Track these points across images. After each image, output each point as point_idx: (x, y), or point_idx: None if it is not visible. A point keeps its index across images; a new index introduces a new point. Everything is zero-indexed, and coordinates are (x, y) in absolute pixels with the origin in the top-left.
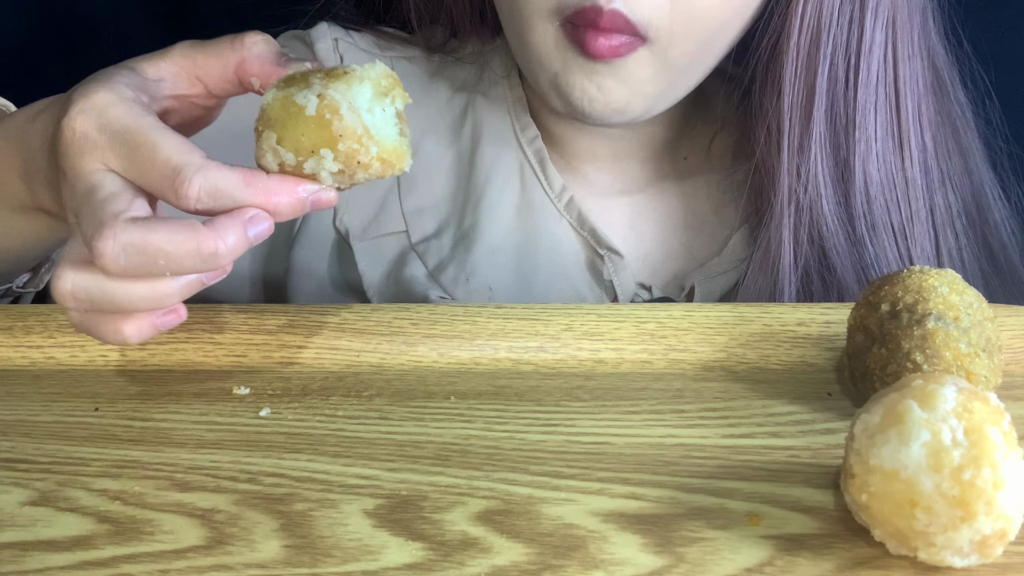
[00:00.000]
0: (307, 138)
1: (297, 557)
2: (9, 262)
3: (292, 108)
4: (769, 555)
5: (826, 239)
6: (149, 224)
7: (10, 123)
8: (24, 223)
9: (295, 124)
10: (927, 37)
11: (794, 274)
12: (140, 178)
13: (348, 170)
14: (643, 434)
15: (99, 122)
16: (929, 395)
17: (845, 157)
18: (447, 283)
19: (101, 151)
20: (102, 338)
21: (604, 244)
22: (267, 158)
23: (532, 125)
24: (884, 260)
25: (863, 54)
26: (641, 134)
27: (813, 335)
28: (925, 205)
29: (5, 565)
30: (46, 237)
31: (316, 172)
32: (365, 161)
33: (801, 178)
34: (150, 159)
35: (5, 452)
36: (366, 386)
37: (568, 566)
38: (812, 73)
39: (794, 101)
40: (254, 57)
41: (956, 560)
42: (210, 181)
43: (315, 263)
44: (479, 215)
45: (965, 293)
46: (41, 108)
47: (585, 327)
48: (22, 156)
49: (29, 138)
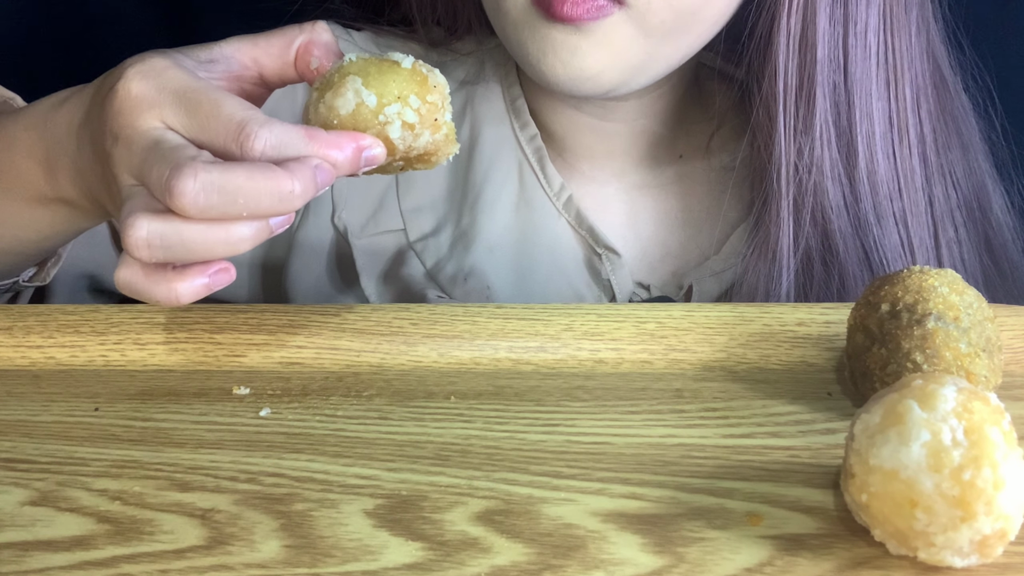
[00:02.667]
0: (397, 85)
1: (297, 557)
2: (22, 254)
3: (385, 63)
4: (769, 555)
5: (830, 221)
6: (227, 164)
7: (30, 113)
8: (42, 214)
9: (387, 72)
10: (926, 30)
11: (793, 257)
12: (201, 133)
13: (418, 126)
14: (643, 434)
15: (158, 83)
16: (929, 395)
17: (850, 139)
18: (445, 282)
19: (160, 109)
20: (153, 298)
21: (602, 243)
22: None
23: (531, 124)
24: (888, 244)
25: (856, 35)
26: (636, 130)
27: (813, 335)
28: (924, 196)
29: (5, 565)
30: (63, 229)
31: (390, 121)
32: (439, 122)
33: (804, 159)
34: (213, 114)
35: (5, 452)
36: (366, 386)
37: (568, 566)
38: (805, 52)
39: (789, 83)
40: (321, 42)
41: (956, 560)
42: (275, 134)
43: (314, 261)
44: (477, 214)
45: (965, 293)
46: (66, 96)
47: (585, 327)
48: (44, 144)
49: (53, 126)
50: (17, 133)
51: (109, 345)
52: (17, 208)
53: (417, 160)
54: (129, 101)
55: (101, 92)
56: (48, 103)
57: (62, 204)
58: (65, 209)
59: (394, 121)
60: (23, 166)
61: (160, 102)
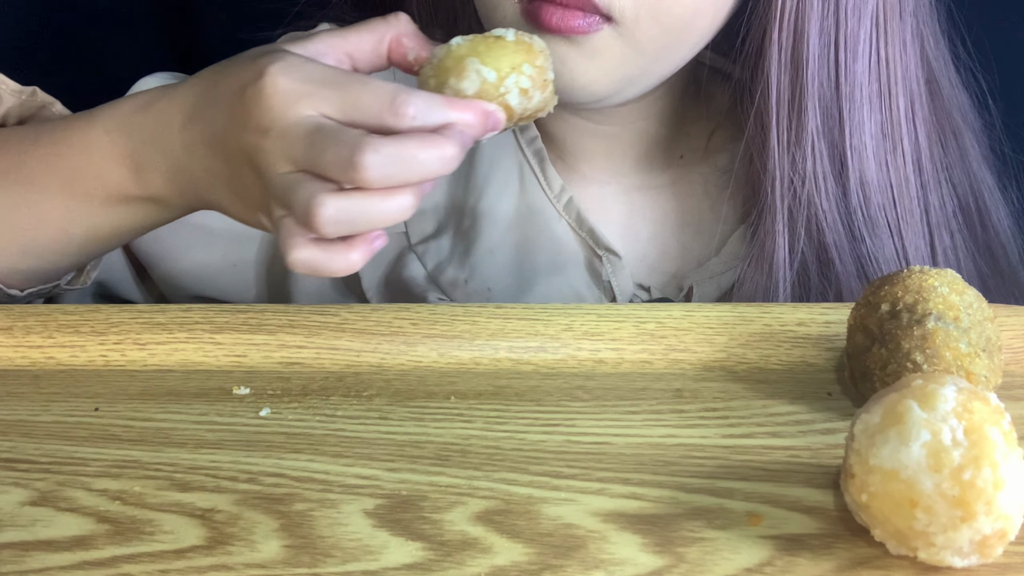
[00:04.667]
0: (508, 58)
1: (297, 557)
2: (82, 254)
3: (490, 39)
4: (769, 555)
5: (824, 233)
6: (397, 137)
7: (107, 116)
8: (122, 212)
9: (496, 48)
10: (919, 37)
11: (789, 269)
12: (354, 113)
13: (531, 89)
14: (643, 434)
15: (302, 75)
16: (929, 395)
17: (841, 151)
18: (446, 284)
19: (311, 99)
20: (332, 271)
21: (602, 244)
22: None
23: (532, 125)
24: (882, 256)
25: (848, 48)
26: (634, 131)
27: (813, 335)
28: (920, 205)
29: (5, 565)
30: (139, 226)
31: (508, 91)
32: (548, 79)
33: (797, 171)
34: (364, 90)
35: (5, 452)
36: (366, 386)
37: (568, 566)
38: (797, 66)
39: (781, 96)
40: (409, 33)
41: (956, 560)
42: (423, 100)
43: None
44: (478, 216)
45: (965, 293)
46: (151, 98)
47: (585, 327)
48: (131, 146)
49: (141, 129)
50: (95, 136)
51: (109, 345)
52: (94, 208)
53: (528, 117)
54: (279, 95)
55: (225, 94)
56: (128, 106)
57: (147, 202)
58: (149, 207)
59: (512, 90)
60: (104, 167)
61: (310, 92)
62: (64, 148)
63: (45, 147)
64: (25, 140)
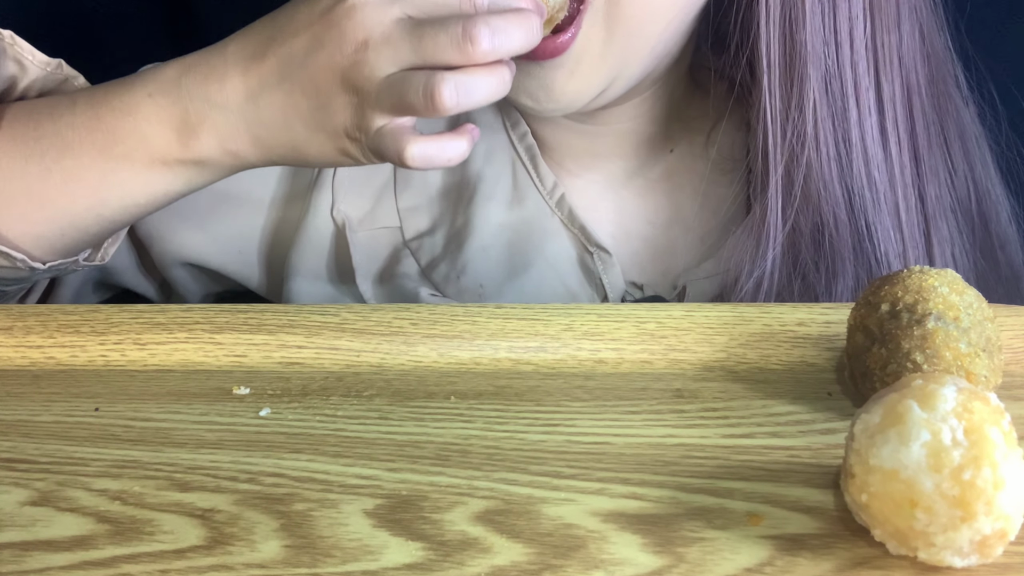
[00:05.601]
0: None
1: (297, 557)
2: (116, 222)
3: None
4: (769, 555)
5: (823, 199)
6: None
7: (151, 80)
8: (160, 176)
9: None
10: (919, 31)
11: (781, 232)
12: (435, 6)
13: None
14: (643, 434)
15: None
16: (929, 395)
17: (845, 129)
18: (439, 280)
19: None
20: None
21: (593, 241)
22: None
23: (522, 122)
24: (881, 227)
25: (839, 28)
26: (622, 132)
27: (813, 335)
28: (915, 193)
29: (5, 565)
30: (177, 190)
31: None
32: None
33: (796, 131)
34: None
35: (5, 452)
36: (366, 386)
37: (568, 566)
38: (791, 40)
39: (773, 60)
40: None
41: (956, 560)
42: None
43: (313, 256)
44: (471, 212)
45: (965, 293)
46: (193, 62)
47: (585, 327)
48: (179, 107)
49: (187, 91)
50: (138, 99)
51: (109, 345)
52: (133, 172)
53: (549, 21)
54: (369, 8)
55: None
56: (171, 71)
57: (189, 165)
58: (190, 170)
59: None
60: (147, 130)
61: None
62: (105, 111)
63: (83, 112)
64: (59, 107)
